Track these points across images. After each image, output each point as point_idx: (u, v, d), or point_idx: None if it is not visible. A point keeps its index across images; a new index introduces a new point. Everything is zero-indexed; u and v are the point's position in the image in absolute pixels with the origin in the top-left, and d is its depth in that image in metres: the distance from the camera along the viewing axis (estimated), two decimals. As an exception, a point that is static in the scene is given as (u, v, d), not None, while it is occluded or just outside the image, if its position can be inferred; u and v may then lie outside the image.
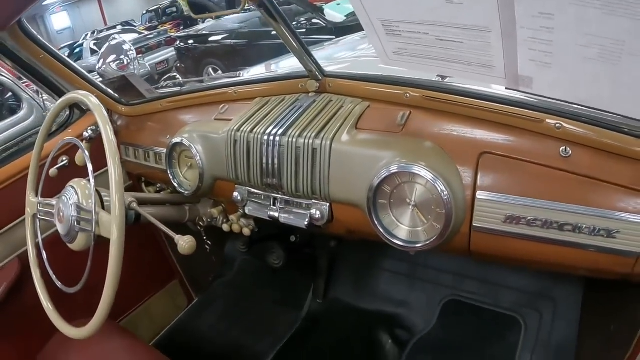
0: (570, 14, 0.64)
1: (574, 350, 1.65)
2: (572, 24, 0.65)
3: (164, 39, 9.80)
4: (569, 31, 0.67)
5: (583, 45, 0.67)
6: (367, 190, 1.01)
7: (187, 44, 7.88)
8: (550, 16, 0.66)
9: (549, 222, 0.89)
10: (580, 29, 0.65)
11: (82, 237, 1.18)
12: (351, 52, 3.00)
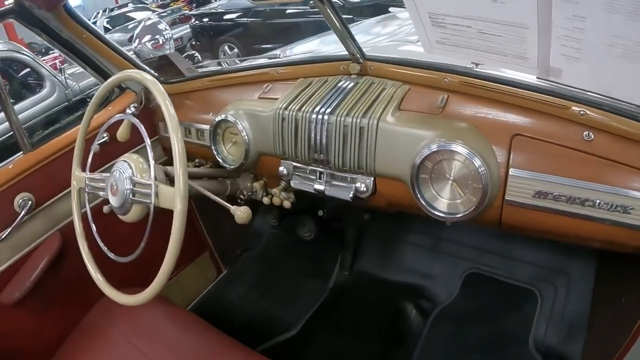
0: (600, 18, 0.77)
1: (586, 321, 1.75)
2: (600, 27, 0.78)
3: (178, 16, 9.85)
4: (598, 32, 0.79)
5: (609, 45, 0.80)
6: (410, 166, 1.13)
7: (202, 22, 7.93)
8: (582, 19, 0.79)
9: (573, 198, 1.00)
10: (607, 31, 0.78)
11: (136, 209, 1.25)
12: (367, 36, 3.08)
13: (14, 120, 1.61)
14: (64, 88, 4.67)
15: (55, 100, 4.58)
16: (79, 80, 4.87)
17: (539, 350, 1.75)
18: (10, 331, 1.65)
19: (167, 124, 1.16)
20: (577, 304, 1.82)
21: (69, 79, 4.78)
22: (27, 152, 1.63)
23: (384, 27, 3.30)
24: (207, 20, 7.88)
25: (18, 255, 1.64)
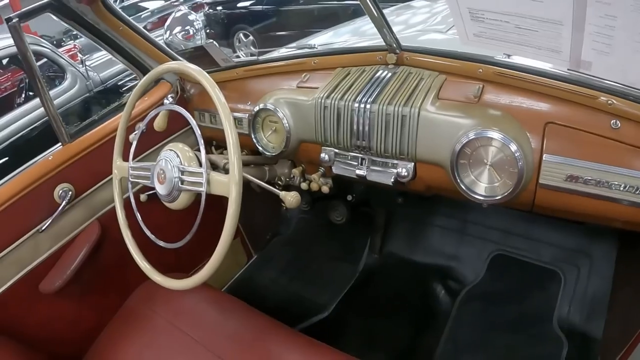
0: (630, 18, 0.86)
1: (607, 300, 1.85)
2: (630, 25, 0.87)
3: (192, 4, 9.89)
4: (627, 30, 0.88)
5: (637, 42, 0.89)
6: (450, 152, 1.21)
7: (216, 10, 7.98)
8: (614, 18, 0.88)
9: (601, 182, 1.09)
10: (636, 29, 0.87)
11: (184, 196, 1.31)
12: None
13: (51, 113, 1.65)
14: (85, 79, 4.75)
15: (77, 92, 4.67)
16: (99, 71, 4.94)
17: (562, 329, 1.83)
18: (51, 319, 1.71)
19: (219, 112, 1.22)
20: (599, 284, 1.90)
21: (89, 70, 4.87)
22: (65, 143, 1.68)
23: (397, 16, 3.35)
24: (220, 9, 7.92)
25: (58, 244, 1.69)
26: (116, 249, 1.75)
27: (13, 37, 1.45)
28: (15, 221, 1.57)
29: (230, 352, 1.41)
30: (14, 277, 1.59)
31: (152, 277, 1.37)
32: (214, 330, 1.51)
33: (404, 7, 3.62)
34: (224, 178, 1.19)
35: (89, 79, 4.81)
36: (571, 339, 1.78)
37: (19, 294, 1.61)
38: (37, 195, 1.60)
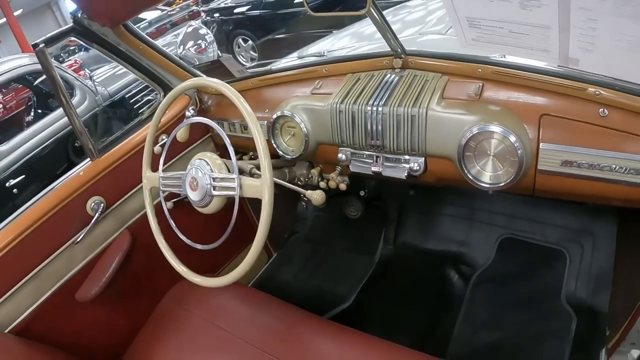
0: (609, 21, 0.99)
1: (611, 275, 1.95)
2: (609, 26, 1.01)
3: (188, 13, 10.01)
4: (607, 30, 1.02)
5: (616, 40, 1.02)
6: (456, 146, 1.34)
7: (214, 17, 8.11)
8: (595, 21, 1.01)
9: (593, 165, 1.21)
10: (615, 29, 1.00)
11: (216, 201, 1.40)
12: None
13: (79, 130, 1.75)
14: (94, 94, 4.84)
15: (88, 107, 4.77)
16: (106, 85, 5.04)
17: (571, 304, 1.93)
18: (88, 326, 1.80)
19: (247, 120, 1.33)
20: (602, 260, 2.00)
21: (98, 85, 4.96)
22: (94, 158, 1.78)
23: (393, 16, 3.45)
24: (218, 15, 8.05)
25: (92, 254, 1.78)
26: (146, 256, 1.89)
27: (40, 61, 1.57)
28: (52, 235, 1.66)
29: (267, 343, 1.50)
30: (52, 288, 1.68)
31: (190, 278, 1.46)
32: (249, 324, 1.61)
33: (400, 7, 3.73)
34: (256, 182, 1.30)
35: (98, 93, 4.90)
36: (579, 313, 1.88)
37: (57, 303, 1.70)
38: (70, 209, 1.69)
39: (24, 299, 1.61)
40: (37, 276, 1.63)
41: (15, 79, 4.65)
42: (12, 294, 1.57)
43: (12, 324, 1.59)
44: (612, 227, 2.01)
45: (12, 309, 1.59)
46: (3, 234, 1.57)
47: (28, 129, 4.60)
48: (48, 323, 1.68)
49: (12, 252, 1.56)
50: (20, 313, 1.61)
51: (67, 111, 1.69)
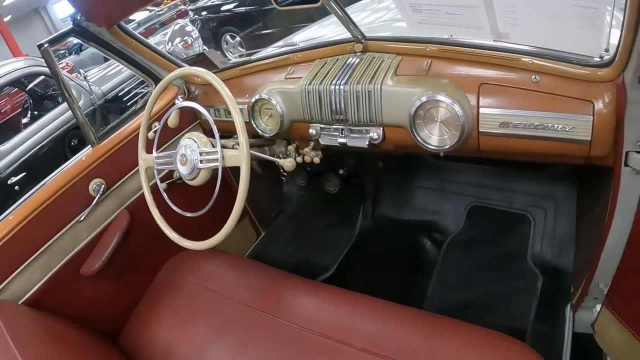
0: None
1: (573, 236, 2.09)
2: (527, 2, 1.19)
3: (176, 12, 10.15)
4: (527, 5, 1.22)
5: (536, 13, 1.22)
6: (408, 115, 1.52)
7: (201, 15, 8.30)
8: (514, 0, 1.21)
9: (528, 124, 1.38)
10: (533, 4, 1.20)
11: (203, 174, 1.57)
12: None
13: (81, 120, 1.93)
14: (89, 94, 5.05)
15: (83, 105, 4.95)
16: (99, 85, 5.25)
17: (536, 264, 2.09)
18: (92, 298, 1.95)
19: (227, 102, 1.52)
20: (564, 223, 2.15)
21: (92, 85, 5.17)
22: (94, 145, 1.95)
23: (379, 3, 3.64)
24: (205, 14, 8.24)
25: (95, 232, 1.95)
26: (144, 233, 2.05)
27: (45, 59, 1.75)
28: (58, 214, 1.83)
29: (256, 301, 1.66)
30: (59, 263, 1.84)
31: (181, 243, 1.63)
32: (239, 286, 1.77)
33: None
34: (235, 152, 1.50)
35: (92, 92, 5.10)
36: (545, 273, 2.04)
37: (64, 278, 1.85)
38: (74, 191, 1.86)
39: (34, 273, 1.76)
40: (46, 252, 1.79)
41: (11, 82, 4.82)
42: (24, 268, 1.73)
43: (25, 297, 1.74)
44: (572, 192, 2.17)
45: (24, 282, 1.74)
46: (15, 215, 1.73)
47: (26, 129, 4.81)
48: (56, 296, 1.82)
49: (23, 231, 1.72)
50: (32, 286, 1.76)
51: (70, 103, 1.89)
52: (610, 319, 1.57)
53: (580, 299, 1.75)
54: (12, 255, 1.72)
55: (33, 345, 1.39)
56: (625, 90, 1.23)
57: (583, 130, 1.32)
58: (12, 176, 4.37)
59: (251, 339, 1.57)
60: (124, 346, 1.79)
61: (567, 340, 1.75)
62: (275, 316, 1.58)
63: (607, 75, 1.27)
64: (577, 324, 1.81)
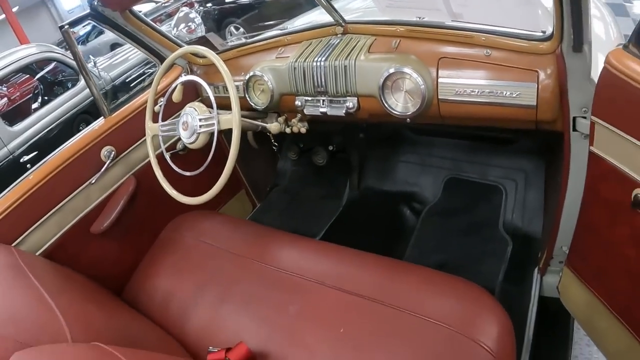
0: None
1: (542, 206, 2.29)
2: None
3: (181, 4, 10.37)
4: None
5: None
6: (377, 85, 1.76)
7: (206, 7, 8.61)
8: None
9: (481, 92, 1.61)
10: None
11: (202, 137, 1.81)
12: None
13: (96, 94, 2.16)
14: (97, 79, 5.28)
15: (93, 90, 5.19)
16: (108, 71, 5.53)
17: (507, 231, 2.29)
18: (100, 255, 2.14)
19: (223, 75, 1.75)
20: (534, 194, 2.36)
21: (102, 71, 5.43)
22: (106, 116, 2.17)
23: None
24: (210, 5, 8.55)
25: (104, 194, 2.15)
26: (148, 197, 2.28)
27: (65, 39, 2.01)
28: (72, 176, 2.03)
29: (246, 250, 1.87)
30: (72, 221, 2.04)
31: (180, 199, 1.87)
32: (232, 239, 1.98)
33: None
34: (229, 116, 1.75)
35: (101, 78, 5.37)
36: (515, 239, 2.23)
37: (75, 234, 2.05)
38: (88, 156, 2.06)
39: (49, 229, 1.97)
40: (60, 210, 1.99)
41: (23, 68, 5.09)
42: (41, 224, 1.93)
43: (40, 250, 1.94)
44: (540, 165, 2.37)
45: (40, 236, 1.94)
46: (34, 175, 1.94)
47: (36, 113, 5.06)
48: (67, 251, 2.02)
49: (41, 189, 1.92)
50: (47, 241, 1.96)
51: (86, 79, 2.15)
52: (572, 278, 1.73)
53: (547, 262, 1.91)
54: (31, 211, 1.91)
55: (56, 288, 1.53)
56: (564, 59, 1.41)
57: (529, 96, 1.54)
58: (25, 154, 4.63)
59: (238, 282, 1.76)
60: (127, 298, 1.97)
61: (534, 299, 1.90)
62: (261, 262, 1.79)
63: (548, 47, 1.48)
64: (545, 288, 1.97)
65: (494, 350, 1.31)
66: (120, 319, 1.63)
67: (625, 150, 1.28)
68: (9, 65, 4.72)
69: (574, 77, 1.43)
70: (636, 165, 1.26)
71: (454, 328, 1.35)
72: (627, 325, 1.48)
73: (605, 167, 1.38)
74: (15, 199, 1.87)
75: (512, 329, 1.41)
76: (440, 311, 1.41)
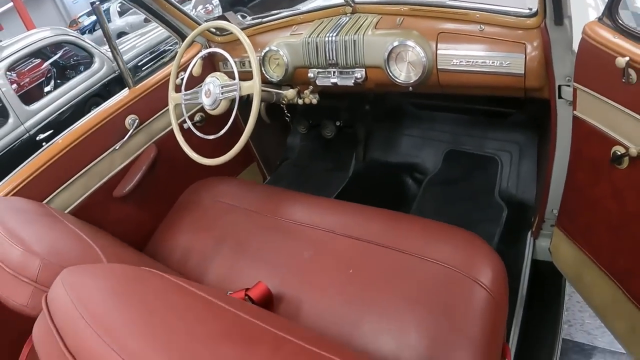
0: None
1: (535, 176, 2.48)
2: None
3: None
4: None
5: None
6: (383, 57, 1.98)
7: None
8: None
9: (475, 62, 1.83)
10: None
11: (223, 103, 1.98)
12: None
13: (122, 66, 2.33)
14: (111, 62, 5.51)
15: (106, 72, 5.45)
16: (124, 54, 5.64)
17: (503, 199, 2.47)
18: (121, 218, 2.28)
19: (245, 45, 1.92)
20: (527, 164, 2.55)
21: None
22: (131, 87, 2.34)
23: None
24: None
25: (127, 161, 2.30)
26: (168, 165, 2.45)
27: (95, 14, 2.19)
28: (98, 142, 2.18)
29: (259, 205, 2.03)
30: (96, 184, 2.19)
31: (199, 160, 2.02)
32: (246, 197, 2.14)
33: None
34: (250, 83, 1.93)
35: (114, 61, 5.45)
36: (510, 206, 2.41)
37: (99, 197, 2.20)
38: (113, 123, 2.22)
39: (76, 190, 2.12)
40: (86, 174, 2.14)
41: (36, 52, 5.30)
42: (68, 185, 2.08)
43: (67, 210, 2.08)
44: (534, 137, 2.57)
45: (67, 197, 2.09)
46: (63, 139, 2.09)
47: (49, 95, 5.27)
48: (91, 213, 2.14)
49: (69, 153, 2.07)
50: (73, 201, 2.12)
51: (113, 52, 2.34)
52: (561, 238, 1.89)
53: (539, 226, 2.08)
54: (59, 172, 2.05)
55: (91, 234, 1.61)
56: (547, 33, 1.58)
57: (517, 65, 1.73)
58: (40, 133, 4.85)
59: (254, 234, 1.92)
60: (147, 254, 2.05)
61: (527, 261, 2.06)
62: (275, 216, 1.95)
63: (534, 22, 1.67)
64: (538, 252, 2.13)
65: (490, 289, 1.45)
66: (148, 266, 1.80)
67: (603, 111, 1.44)
68: (24, 48, 4.93)
69: (557, 49, 1.59)
70: (613, 124, 1.42)
71: (454, 267, 1.50)
72: (611, 277, 1.62)
73: (587, 128, 1.54)
74: (46, 161, 2.01)
75: (506, 275, 1.55)
76: (441, 253, 1.56)
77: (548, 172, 1.87)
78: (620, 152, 1.40)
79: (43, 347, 1.01)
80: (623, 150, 1.39)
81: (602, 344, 2.14)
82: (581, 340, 2.18)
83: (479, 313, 1.41)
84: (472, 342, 1.36)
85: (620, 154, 1.40)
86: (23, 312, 1.25)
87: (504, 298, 1.50)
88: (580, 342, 2.17)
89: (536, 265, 2.11)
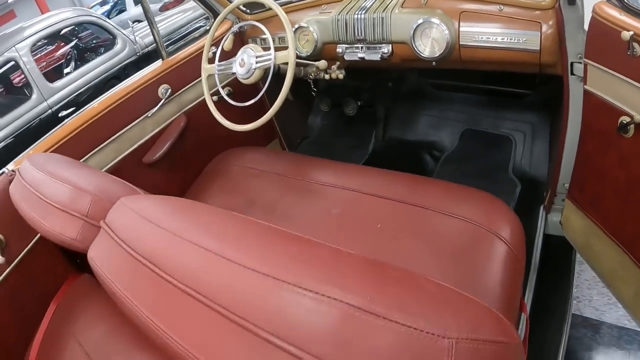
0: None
1: (547, 154, 2.62)
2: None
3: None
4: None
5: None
6: (409, 34, 2.13)
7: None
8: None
9: (494, 39, 1.96)
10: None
11: (257, 72, 2.07)
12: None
13: (157, 37, 2.44)
14: (133, 44, 5.69)
15: (127, 53, 5.61)
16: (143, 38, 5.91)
17: (516, 175, 2.61)
18: (149, 184, 2.29)
19: (281, 18, 2.00)
20: (540, 143, 2.68)
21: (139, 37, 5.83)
22: (164, 59, 2.47)
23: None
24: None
25: (158, 128, 2.41)
26: (196, 136, 2.59)
27: None
28: (131, 109, 2.28)
29: (286, 170, 2.15)
30: (127, 150, 2.30)
31: (232, 127, 2.10)
32: (273, 162, 2.27)
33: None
34: (285, 52, 2.01)
35: (136, 42, 5.77)
36: (523, 182, 2.52)
37: (129, 162, 2.29)
38: (146, 91, 2.33)
39: (108, 154, 2.22)
40: (118, 138, 2.25)
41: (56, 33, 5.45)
42: (101, 149, 2.18)
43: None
44: (546, 118, 2.71)
45: (99, 160, 2.19)
46: (99, 104, 2.19)
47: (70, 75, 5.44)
48: (121, 177, 1.99)
49: (103, 118, 2.17)
50: (105, 165, 2.22)
51: (151, 26, 2.48)
52: (572, 209, 1.96)
53: (551, 200, 2.16)
54: (93, 135, 2.15)
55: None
56: (561, 12, 1.68)
57: (533, 42, 1.85)
58: (63, 109, 5.02)
59: (284, 196, 2.03)
60: None
61: (539, 232, 2.16)
62: (303, 179, 2.07)
63: (549, 3, 1.79)
64: (550, 226, 2.21)
65: (510, 242, 1.56)
66: None
67: (611, 84, 1.53)
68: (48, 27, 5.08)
69: (570, 27, 1.69)
70: (620, 95, 1.50)
71: (476, 222, 1.62)
72: (619, 243, 1.69)
73: (596, 101, 1.63)
74: (81, 123, 2.11)
75: (524, 232, 1.67)
76: (463, 210, 1.69)
77: (560, 146, 1.96)
78: (626, 121, 1.48)
79: (106, 263, 1.17)
80: (629, 119, 1.48)
81: (610, 319, 2.22)
82: (589, 315, 2.27)
83: (499, 265, 1.53)
84: (493, 291, 1.47)
85: (626, 122, 1.48)
86: (71, 246, 1.36)
87: (522, 253, 1.62)
88: (589, 317, 2.27)
89: (548, 239, 2.20)
